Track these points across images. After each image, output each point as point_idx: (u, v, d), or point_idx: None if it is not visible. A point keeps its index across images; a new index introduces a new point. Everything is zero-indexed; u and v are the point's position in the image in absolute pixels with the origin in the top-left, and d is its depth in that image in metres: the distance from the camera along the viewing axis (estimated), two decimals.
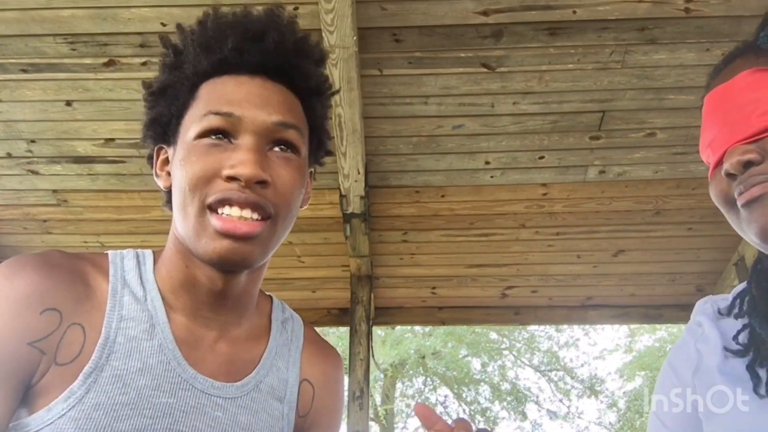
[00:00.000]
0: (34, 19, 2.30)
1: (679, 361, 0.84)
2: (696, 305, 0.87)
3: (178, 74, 0.78)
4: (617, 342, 12.33)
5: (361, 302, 3.36)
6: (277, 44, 0.78)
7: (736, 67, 0.74)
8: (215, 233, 0.72)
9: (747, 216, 0.70)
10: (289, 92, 0.79)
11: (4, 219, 3.20)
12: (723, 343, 0.79)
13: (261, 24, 0.79)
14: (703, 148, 0.77)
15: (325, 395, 0.88)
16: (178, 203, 0.75)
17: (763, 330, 0.74)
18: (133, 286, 0.77)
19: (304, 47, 0.81)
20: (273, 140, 0.75)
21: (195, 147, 0.73)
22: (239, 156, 0.72)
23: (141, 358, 0.73)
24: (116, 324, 0.74)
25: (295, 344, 0.88)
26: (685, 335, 0.86)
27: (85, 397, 0.69)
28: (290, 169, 0.76)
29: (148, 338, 0.75)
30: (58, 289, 0.72)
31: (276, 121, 0.75)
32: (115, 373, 0.71)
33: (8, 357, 0.68)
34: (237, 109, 0.74)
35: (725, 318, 0.82)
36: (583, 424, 12.20)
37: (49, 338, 0.70)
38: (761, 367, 0.73)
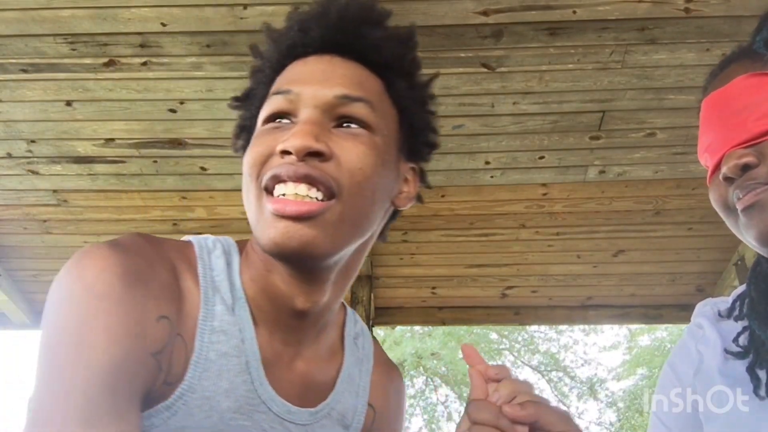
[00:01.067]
0: (34, 19, 2.30)
1: (680, 361, 0.85)
2: (696, 307, 0.88)
3: (260, 77, 0.75)
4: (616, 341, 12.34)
5: (361, 302, 3.36)
6: (339, 17, 0.71)
7: (732, 72, 0.74)
8: (271, 216, 0.64)
9: (746, 221, 0.70)
10: (363, 68, 0.71)
11: (4, 219, 3.20)
12: (723, 345, 0.79)
13: (324, 3, 0.73)
14: (701, 152, 0.77)
15: (384, 418, 0.83)
16: (243, 191, 0.69)
17: (762, 332, 0.74)
18: (223, 293, 0.68)
19: (372, 18, 0.74)
20: (337, 116, 0.67)
21: (261, 131, 0.69)
22: (294, 129, 0.65)
23: (229, 378, 0.66)
24: (208, 337, 0.65)
25: (365, 366, 0.82)
26: (686, 336, 0.87)
27: (172, 419, 0.62)
28: (358, 143, 0.66)
29: (237, 354, 0.67)
30: (165, 292, 0.63)
31: (338, 94, 0.67)
32: (205, 395, 0.64)
33: (137, 367, 0.59)
34: (296, 85, 0.68)
35: (725, 320, 0.82)
36: (583, 424, 12.20)
37: (165, 351, 0.61)
38: (761, 369, 0.73)
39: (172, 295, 0.64)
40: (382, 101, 0.71)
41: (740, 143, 0.70)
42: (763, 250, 0.71)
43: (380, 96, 0.71)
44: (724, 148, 0.72)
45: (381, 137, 0.69)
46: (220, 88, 2.51)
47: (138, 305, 0.60)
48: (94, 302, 0.58)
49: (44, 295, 0.60)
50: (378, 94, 0.71)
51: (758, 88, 0.70)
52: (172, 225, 3.21)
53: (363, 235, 0.70)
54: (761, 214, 0.69)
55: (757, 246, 0.71)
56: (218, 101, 2.58)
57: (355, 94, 0.68)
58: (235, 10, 2.25)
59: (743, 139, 0.70)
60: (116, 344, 0.57)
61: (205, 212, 3.12)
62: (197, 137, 2.75)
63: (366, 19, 0.73)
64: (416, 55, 0.78)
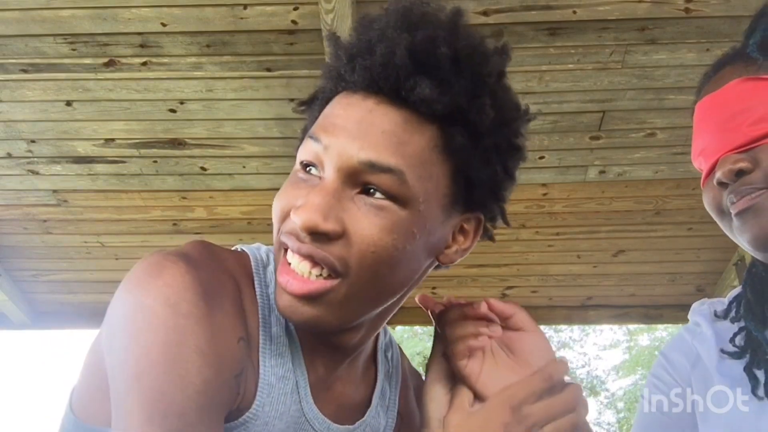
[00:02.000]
0: (34, 19, 2.30)
1: (677, 355, 0.85)
2: (692, 307, 0.88)
3: (324, 84, 0.67)
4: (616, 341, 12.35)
5: None
6: (385, 56, 0.60)
7: (726, 75, 0.74)
8: (279, 286, 0.61)
9: (740, 225, 0.71)
10: (412, 115, 0.60)
11: (4, 219, 3.20)
12: (719, 345, 0.79)
13: (379, 32, 0.62)
14: (695, 156, 0.77)
15: (408, 423, 0.81)
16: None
17: (759, 333, 0.74)
18: (277, 314, 0.64)
19: (433, 61, 0.60)
20: (362, 182, 0.60)
21: (291, 176, 0.63)
22: (310, 197, 0.59)
23: (284, 402, 0.64)
24: (269, 361, 0.63)
25: (395, 378, 0.80)
26: (683, 333, 0.87)
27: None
28: (378, 220, 0.59)
29: (290, 377, 0.65)
30: (238, 312, 0.61)
31: (364, 160, 0.58)
32: (266, 420, 0.62)
33: (224, 390, 0.57)
34: (327, 135, 0.60)
35: (721, 320, 0.82)
36: None
37: (243, 374, 0.59)
38: (759, 369, 0.73)
39: (243, 316, 0.62)
40: (427, 160, 0.61)
41: (734, 148, 0.70)
42: (757, 253, 0.72)
43: (425, 154, 0.61)
44: (718, 153, 0.72)
45: (413, 207, 0.61)
46: (220, 88, 2.51)
47: (221, 326, 0.58)
48: (182, 322, 0.55)
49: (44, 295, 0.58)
50: (422, 152, 0.61)
51: (752, 93, 0.70)
52: (172, 225, 3.21)
53: (383, 303, 0.67)
54: (755, 218, 0.69)
55: (751, 249, 0.72)
56: (218, 101, 2.58)
57: (384, 162, 0.58)
58: (235, 10, 2.25)
59: (738, 143, 0.70)
60: (208, 366, 0.55)
61: (205, 212, 3.12)
62: (197, 137, 2.75)
63: (425, 62, 0.60)
64: (495, 98, 0.66)
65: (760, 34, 0.73)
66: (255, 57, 2.37)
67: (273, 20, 2.28)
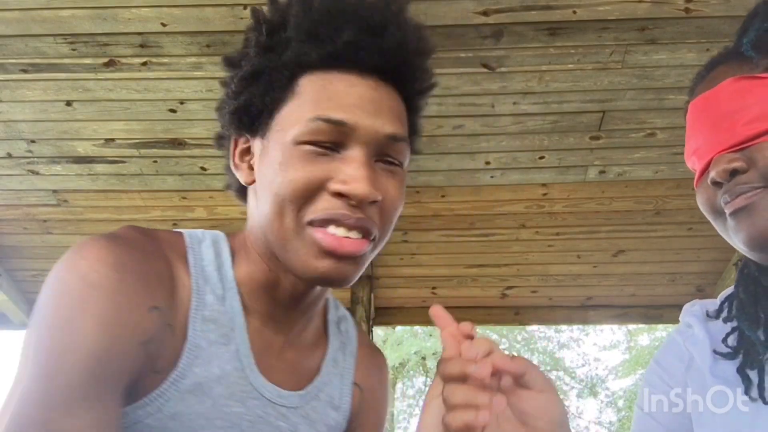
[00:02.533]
0: (34, 19, 2.30)
1: (670, 360, 0.85)
2: (684, 307, 0.88)
3: (273, 59, 0.69)
4: (616, 340, 12.35)
5: (361, 302, 3.36)
6: (399, 43, 0.68)
7: (720, 74, 0.74)
8: (318, 251, 0.65)
9: (734, 225, 0.70)
10: (399, 97, 0.71)
11: (4, 219, 3.20)
12: (712, 345, 0.79)
13: (381, 15, 0.68)
14: (688, 155, 0.77)
15: (371, 398, 0.85)
16: (270, 209, 0.67)
17: (752, 333, 0.74)
18: (213, 283, 0.70)
19: (426, 47, 0.73)
20: (382, 153, 0.68)
21: (297, 152, 0.65)
22: (351, 171, 0.64)
23: (220, 365, 0.68)
24: (200, 326, 0.67)
25: (349, 348, 0.84)
26: (674, 335, 0.87)
27: (165, 405, 0.64)
28: (397, 185, 0.69)
29: (226, 343, 0.69)
30: (159, 283, 0.65)
31: (389, 134, 0.67)
32: (197, 381, 0.66)
33: (123, 357, 0.60)
34: (350, 116, 0.65)
35: (713, 320, 0.82)
36: (583, 423, 12.21)
37: (154, 340, 0.63)
38: (752, 370, 0.73)
39: (166, 286, 0.65)
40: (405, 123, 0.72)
41: (729, 147, 0.70)
42: (751, 253, 0.71)
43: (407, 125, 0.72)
44: (712, 152, 0.72)
45: (405, 170, 0.72)
46: (220, 88, 2.51)
47: (130, 295, 0.61)
48: (87, 290, 0.59)
49: None
50: (406, 124, 0.72)
51: (747, 92, 0.70)
52: (172, 225, 3.21)
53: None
54: (750, 218, 0.68)
55: (745, 250, 0.71)
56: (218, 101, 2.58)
57: (402, 133, 0.69)
58: (235, 10, 2.25)
59: (732, 143, 0.70)
60: (104, 332, 0.58)
61: (205, 212, 3.12)
62: (197, 137, 2.75)
63: (423, 52, 0.73)
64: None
65: (754, 33, 0.73)
66: None
67: None
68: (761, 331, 0.74)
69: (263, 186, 0.68)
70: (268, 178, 0.67)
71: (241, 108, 0.71)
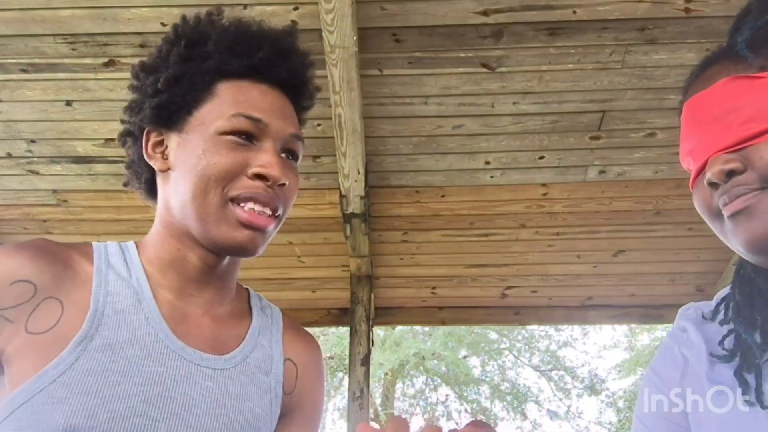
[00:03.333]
0: (34, 19, 2.30)
1: (664, 366, 0.84)
2: (679, 311, 0.87)
3: (194, 67, 0.83)
4: (616, 340, 12.34)
5: (361, 302, 3.36)
6: (300, 65, 0.89)
7: (714, 74, 0.73)
8: (238, 223, 0.79)
9: (732, 227, 0.69)
10: (294, 106, 0.88)
11: (4, 219, 3.20)
12: (708, 349, 0.78)
13: (287, 41, 0.88)
14: (683, 156, 0.76)
15: (308, 375, 0.92)
16: (193, 189, 0.79)
17: (748, 336, 0.73)
18: (117, 267, 0.82)
19: (313, 72, 0.93)
20: (285, 149, 0.84)
21: (220, 141, 0.80)
22: (267, 158, 0.80)
23: (129, 330, 0.77)
24: (103, 299, 0.78)
25: (276, 327, 0.92)
26: (668, 340, 0.86)
27: (75, 363, 0.72)
28: (294, 175, 0.85)
29: (135, 312, 0.79)
30: (34, 265, 0.76)
31: (292, 133, 0.84)
32: (105, 342, 0.75)
33: None
34: (265, 116, 0.81)
35: (709, 323, 0.81)
36: (584, 423, 12.21)
37: (19, 308, 0.74)
38: (749, 373, 0.72)
39: (50, 268, 0.77)
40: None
41: (724, 148, 0.69)
42: (749, 256, 0.70)
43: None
44: (707, 153, 0.71)
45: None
46: None
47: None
48: None
49: None
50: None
51: (742, 92, 0.69)
52: None
53: None
54: (749, 220, 0.68)
55: (743, 252, 0.70)
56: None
57: (300, 133, 0.87)
58: (235, 10, 2.25)
59: (728, 143, 0.69)
60: None
61: None
62: None
63: (312, 72, 0.92)
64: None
65: (749, 32, 0.72)
66: None
67: (273, 20, 2.25)
68: (758, 334, 0.73)
69: (183, 171, 0.80)
70: (189, 163, 0.80)
71: (162, 105, 0.83)
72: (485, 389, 12.27)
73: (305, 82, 0.91)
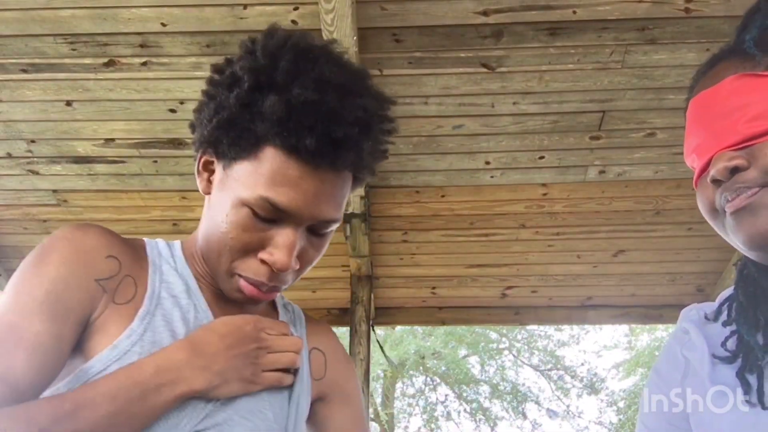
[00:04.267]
0: (34, 19, 2.30)
1: (666, 367, 0.84)
2: (681, 313, 0.87)
3: (248, 118, 0.76)
4: (617, 340, 12.34)
5: (361, 302, 3.36)
6: (366, 154, 0.78)
7: (721, 71, 0.73)
8: (239, 291, 0.82)
9: (734, 225, 0.69)
10: (350, 177, 0.81)
11: (4, 219, 3.20)
12: (710, 351, 0.78)
13: (361, 121, 0.75)
14: (687, 153, 0.76)
15: (336, 358, 0.97)
16: (210, 245, 0.82)
17: (751, 337, 0.73)
18: (167, 258, 0.88)
19: (385, 156, 0.84)
20: (316, 229, 0.81)
21: (243, 214, 0.77)
22: (280, 243, 0.78)
23: (182, 312, 0.83)
24: (159, 283, 0.84)
25: (299, 322, 0.97)
26: (671, 342, 0.86)
27: (144, 335, 0.78)
28: (321, 244, 0.83)
29: (185, 297, 0.84)
30: (118, 246, 0.83)
31: (326, 219, 0.79)
32: (165, 319, 0.81)
33: (79, 288, 0.77)
34: (293, 206, 0.76)
35: (711, 324, 0.81)
36: (584, 423, 12.21)
37: (111, 280, 0.80)
38: (751, 374, 0.72)
39: (125, 249, 0.83)
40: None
41: (730, 145, 0.69)
42: (751, 253, 0.70)
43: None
44: (712, 150, 0.71)
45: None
46: None
47: (89, 245, 0.80)
48: (56, 241, 0.79)
49: None
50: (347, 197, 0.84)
51: (749, 89, 0.69)
52: (172, 225, 3.22)
53: None
54: (751, 217, 0.67)
55: (745, 250, 0.70)
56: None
57: (336, 218, 0.80)
58: (235, 10, 2.25)
59: (733, 141, 0.68)
60: (63, 266, 0.77)
61: None
62: None
63: (384, 153, 0.83)
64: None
65: (756, 30, 0.72)
66: None
67: (273, 20, 2.26)
68: (760, 335, 0.73)
69: (211, 218, 0.82)
70: (216, 217, 0.81)
71: (213, 140, 0.81)
72: (485, 389, 12.28)
73: (371, 170, 0.83)
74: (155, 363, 0.75)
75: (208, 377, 0.77)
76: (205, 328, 0.81)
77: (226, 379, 0.78)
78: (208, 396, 0.77)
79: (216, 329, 0.80)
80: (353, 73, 0.80)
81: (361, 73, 0.81)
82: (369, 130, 0.77)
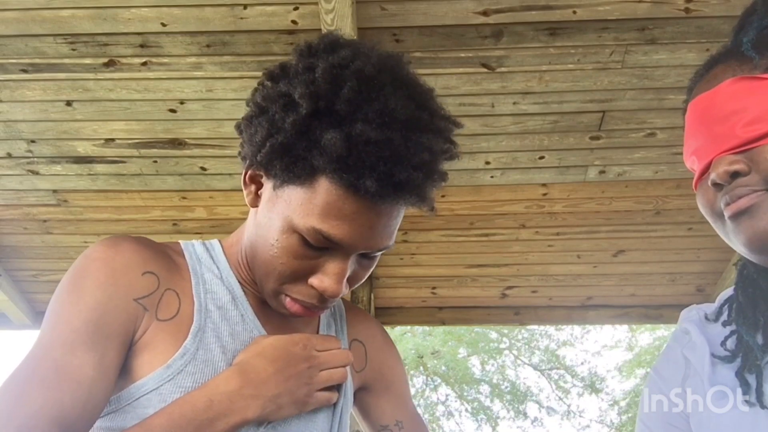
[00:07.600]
0: (34, 19, 2.30)
1: (666, 368, 0.84)
2: (682, 313, 0.87)
3: (304, 146, 0.72)
4: (617, 339, 12.34)
5: (361, 302, 3.36)
6: (429, 190, 0.77)
7: (719, 74, 0.73)
8: (285, 308, 0.81)
9: (734, 228, 0.69)
10: (402, 204, 0.77)
11: (4, 219, 3.20)
12: (711, 350, 0.78)
13: (426, 164, 0.73)
14: (687, 155, 0.76)
15: (378, 348, 0.97)
16: (259, 263, 0.80)
17: (750, 337, 0.73)
18: (208, 265, 0.85)
19: (446, 174, 0.82)
20: (364, 254, 0.79)
21: (293, 241, 0.75)
22: (330, 271, 0.76)
23: (230, 325, 0.82)
24: (203, 294, 0.82)
25: (339, 313, 0.97)
26: (671, 342, 0.86)
27: (196, 353, 0.77)
28: (371, 266, 0.82)
29: (232, 308, 0.83)
30: (154, 259, 0.80)
31: (378, 247, 0.77)
32: (215, 334, 0.80)
33: (118, 311, 0.75)
34: (346, 239, 0.74)
35: (712, 324, 0.82)
36: (584, 422, 12.21)
37: (151, 296, 0.78)
38: (750, 374, 0.72)
39: (162, 262, 0.81)
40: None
41: (729, 149, 0.69)
42: (752, 256, 0.71)
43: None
44: (712, 154, 0.71)
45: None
46: (220, 88, 2.51)
47: (123, 263, 0.77)
48: (89, 263, 0.77)
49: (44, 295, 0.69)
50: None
51: (747, 93, 0.69)
52: (172, 225, 3.21)
53: None
54: (751, 220, 0.68)
55: (745, 252, 0.70)
56: (218, 101, 2.58)
57: (388, 245, 0.78)
58: (235, 10, 2.25)
59: (732, 145, 0.69)
60: (99, 290, 0.74)
61: (205, 212, 3.12)
62: (197, 137, 2.75)
63: (442, 178, 0.80)
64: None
65: (754, 32, 0.72)
66: (255, 57, 2.37)
67: (273, 20, 2.28)
68: (760, 335, 0.73)
69: (260, 236, 0.79)
70: (265, 237, 0.78)
71: (265, 160, 0.76)
72: (485, 388, 12.27)
73: (431, 203, 0.78)
74: (206, 396, 0.73)
75: (261, 404, 0.75)
76: (254, 354, 0.78)
77: (279, 405, 0.77)
78: (261, 421, 0.77)
79: (265, 353, 0.78)
80: (420, 100, 0.76)
81: (426, 95, 0.79)
82: (433, 173, 0.76)
